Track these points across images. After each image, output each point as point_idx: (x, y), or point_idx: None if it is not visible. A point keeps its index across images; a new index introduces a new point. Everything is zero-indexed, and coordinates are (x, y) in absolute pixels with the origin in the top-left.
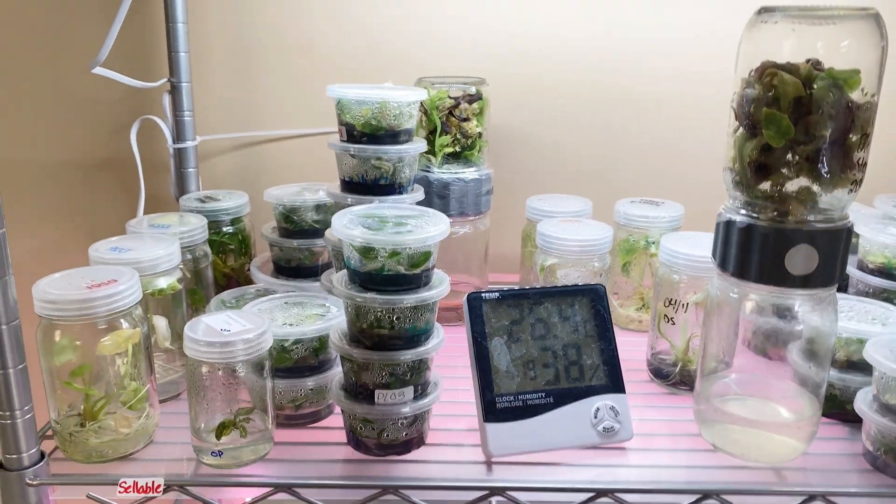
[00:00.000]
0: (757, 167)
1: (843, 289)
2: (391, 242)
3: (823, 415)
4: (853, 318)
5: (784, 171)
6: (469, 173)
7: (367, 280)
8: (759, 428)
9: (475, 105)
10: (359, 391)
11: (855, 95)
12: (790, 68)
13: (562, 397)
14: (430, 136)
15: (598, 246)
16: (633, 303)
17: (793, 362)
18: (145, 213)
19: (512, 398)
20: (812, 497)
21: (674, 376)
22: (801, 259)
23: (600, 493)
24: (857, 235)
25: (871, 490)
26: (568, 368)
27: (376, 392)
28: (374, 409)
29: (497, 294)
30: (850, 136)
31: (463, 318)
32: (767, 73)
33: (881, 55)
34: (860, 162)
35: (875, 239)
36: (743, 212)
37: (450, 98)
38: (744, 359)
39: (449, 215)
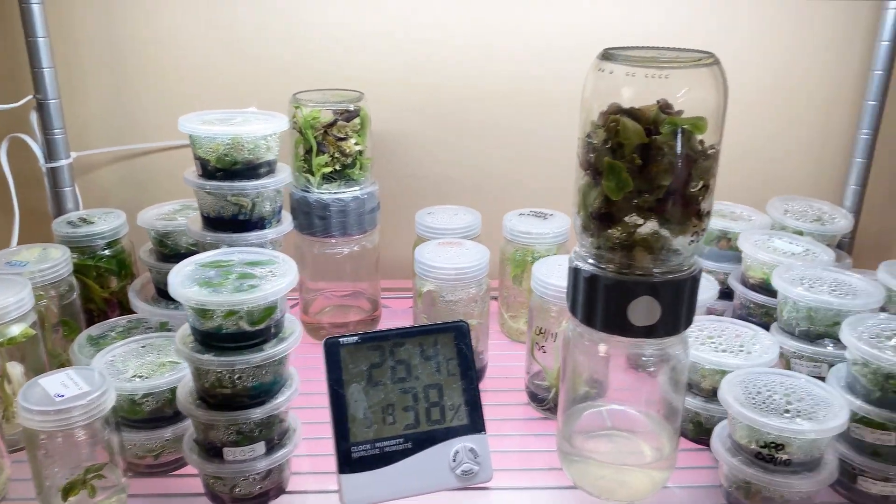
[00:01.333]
0: (601, 216)
1: (729, 297)
2: (226, 303)
3: (692, 440)
4: (721, 344)
5: (627, 220)
6: (350, 192)
7: (207, 338)
8: (617, 465)
9: (354, 122)
10: (208, 448)
11: (696, 144)
12: (636, 113)
13: (420, 442)
14: (307, 156)
15: (473, 272)
16: (523, 315)
17: (660, 393)
18: (28, 228)
19: (368, 446)
20: None
21: (548, 402)
22: (642, 310)
23: None
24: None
25: None
26: (429, 410)
27: (224, 450)
28: (224, 468)
29: (356, 338)
30: (693, 185)
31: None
32: (612, 119)
33: (722, 103)
34: (702, 212)
35: (754, 256)
36: (590, 260)
37: (334, 113)
38: (612, 389)
39: (331, 236)
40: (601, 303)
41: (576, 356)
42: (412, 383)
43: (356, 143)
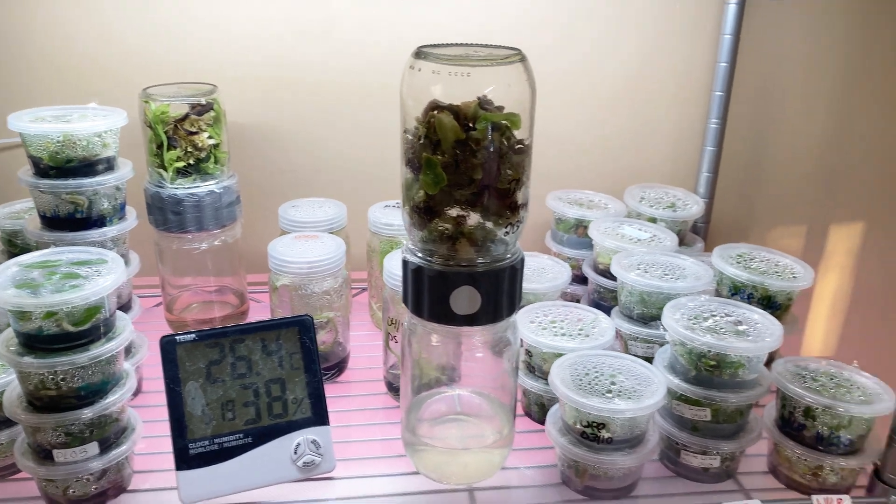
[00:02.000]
0: (422, 209)
1: (586, 282)
2: (44, 305)
3: (538, 421)
4: (562, 328)
5: (448, 213)
6: (205, 187)
7: (29, 340)
8: (456, 449)
9: (207, 116)
10: (39, 451)
11: (508, 140)
12: (455, 109)
13: (261, 436)
14: (160, 151)
15: (327, 265)
16: None
17: (497, 376)
18: None
19: (207, 443)
20: None
21: None
22: (463, 300)
23: None
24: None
25: None
26: (270, 405)
27: (54, 452)
28: (55, 470)
29: (193, 336)
30: (505, 179)
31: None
32: (430, 116)
33: (529, 98)
34: (516, 204)
35: (602, 243)
36: (419, 253)
37: (190, 107)
38: (460, 376)
39: (187, 231)
40: (427, 294)
41: (413, 346)
42: (253, 379)
43: (210, 137)
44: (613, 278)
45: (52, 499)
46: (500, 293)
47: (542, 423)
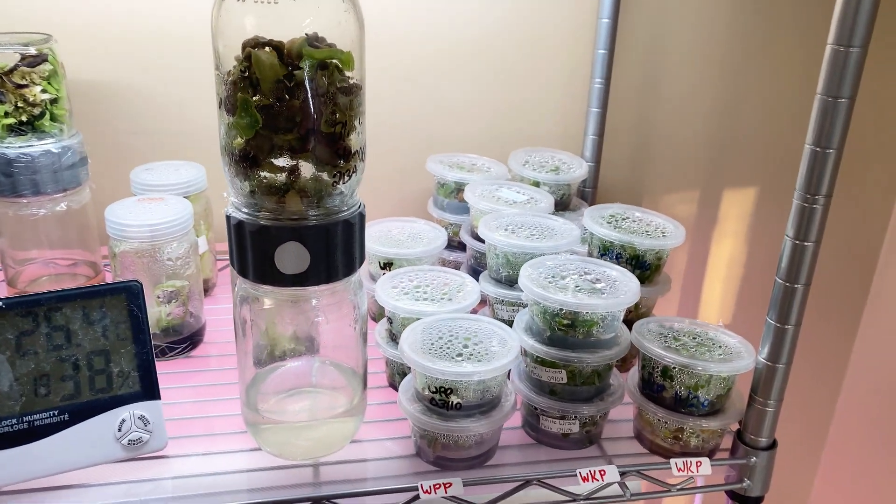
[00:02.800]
0: (241, 157)
1: (465, 249)
2: None
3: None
4: (426, 293)
5: (273, 162)
6: (40, 146)
7: None
8: (299, 423)
9: (41, 68)
10: None
11: (336, 79)
12: (279, 46)
13: (80, 413)
14: None
15: (171, 228)
16: None
17: (346, 343)
18: None
19: (14, 421)
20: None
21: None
22: (290, 258)
23: None
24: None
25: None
26: (92, 379)
27: None
28: None
29: (1, 304)
30: (334, 122)
31: None
32: (247, 53)
33: (358, 34)
34: (347, 150)
35: (477, 206)
36: (244, 209)
37: (22, 57)
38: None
39: (20, 195)
40: (250, 251)
41: (245, 312)
42: (72, 351)
43: (44, 91)
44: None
45: None
46: (334, 250)
47: None
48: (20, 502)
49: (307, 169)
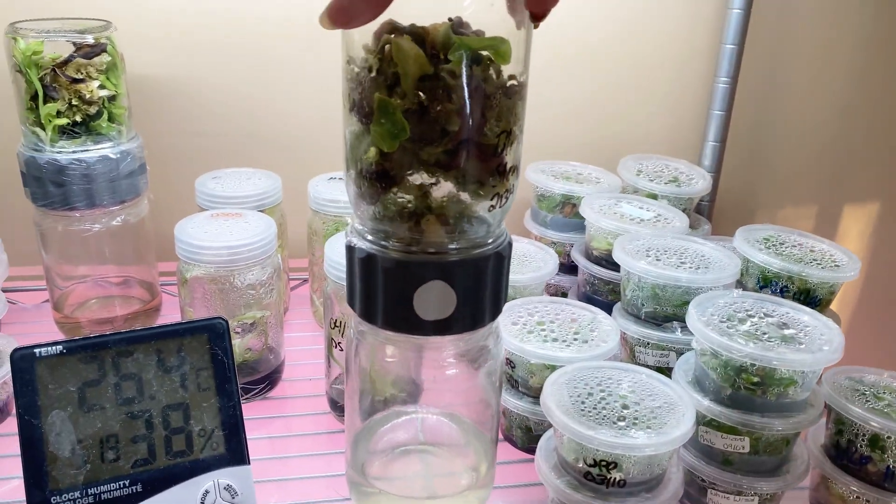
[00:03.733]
0: (375, 174)
1: (575, 272)
2: None
3: (522, 449)
4: (553, 331)
5: (411, 180)
6: (96, 151)
7: None
8: (421, 498)
9: (99, 59)
10: None
11: (495, 76)
12: (419, 33)
13: (156, 483)
14: (34, 104)
15: (252, 251)
16: None
17: (473, 397)
18: None
19: (78, 494)
20: None
21: None
22: (432, 301)
23: None
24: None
25: None
26: (169, 440)
27: None
28: None
29: (60, 348)
30: (491, 130)
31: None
32: (385, 41)
33: (525, 21)
34: (505, 167)
35: (597, 224)
36: (369, 236)
37: (72, 45)
38: (422, 393)
39: (73, 208)
40: (381, 292)
41: (361, 359)
42: (146, 405)
43: (102, 87)
44: (611, 266)
45: None
46: (482, 290)
47: (528, 451)
48: None
49: (450, 188)
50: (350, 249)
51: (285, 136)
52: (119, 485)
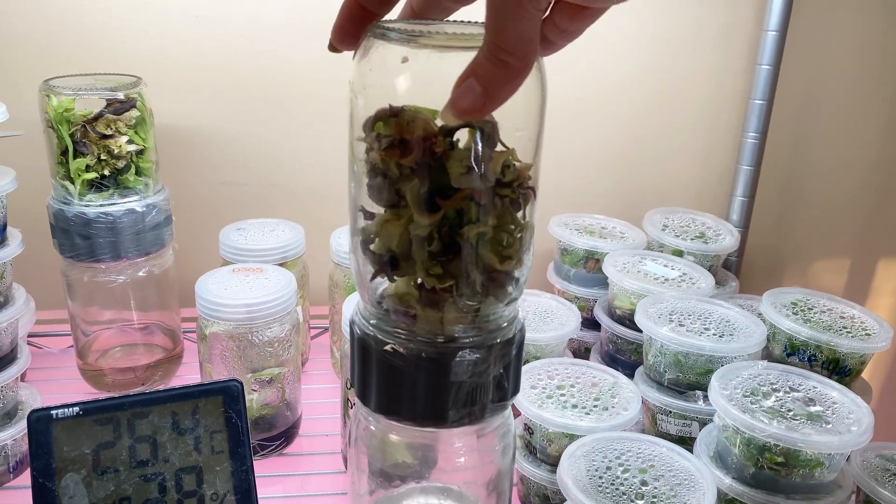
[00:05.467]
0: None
1: (595, 326)
2: None
3: None
4: (573, 396)
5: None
6: (123, 204)
7: None
8: None
9: (128, 115)
10: None
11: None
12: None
13: None
14: (64, 159)
15: (271, 308)
16: None
17: (484, 475)
18: None
19: None
20: None
21: None
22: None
23: None
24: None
25: None
26: None
27: None
28: None
29: (77, 409)
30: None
31: (144, 382)
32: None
33: (541, 101)
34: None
35: (620, 283)
36: (372, 321)
37: (108, 103)
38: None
39: (99, 260)
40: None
41: (364, 442)
42: (159, 468)
43: (130, 142)
44: (634, 326)
45: None
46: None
47: None
48: None
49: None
50: (352, 327)
51: (309, 185)
52: None
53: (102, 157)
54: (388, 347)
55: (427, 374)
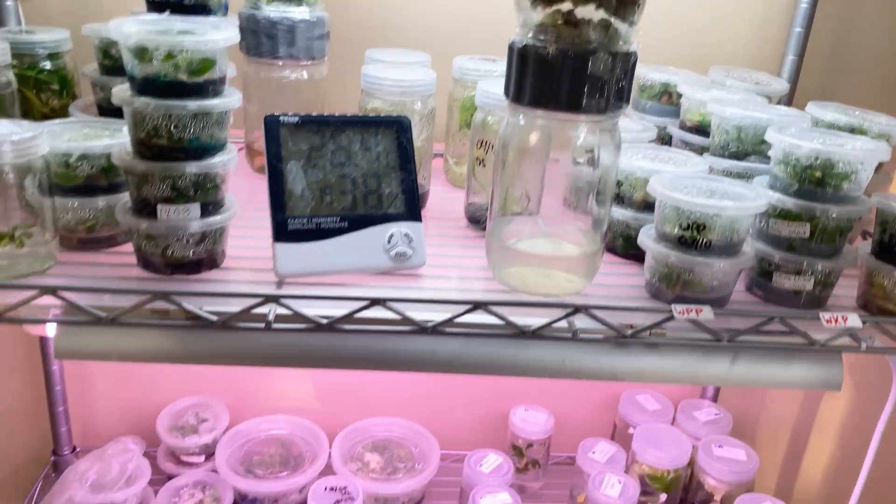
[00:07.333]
0: None
1: (669, 143)
2: (167, 43)
3: (621, 255)
4: (656, 160)
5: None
6: (299, 13)
7: (145, 86)
8: (542, 265)
9: None
10: (141, 207)
11: None
12: None
13: (357, 222)
14: None
15: (419, 88)
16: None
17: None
18: None
19: (305, 220)
20: (577, 309)
21: (485, 220)
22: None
23: (375, 301)
24: (679, 95)
25: (633, 305)
26: (366, 196)
27: (158, 207)
28: (156, 224)
29: (296, 119)
30: None
31: None
32: None
33: None
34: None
35: (693, 96)
36: (530, 35)
37: None
38: (546, 204)
39: (277, 57)
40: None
41: (509, 154)
42: (351, 169)
43: None
44: (702, 135)
45: (148, 260)
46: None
47: (626, 256)
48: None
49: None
50: (511, 46)
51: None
52: (332, 219)
53: None
54: (543, 49)
55: (572, 68)
